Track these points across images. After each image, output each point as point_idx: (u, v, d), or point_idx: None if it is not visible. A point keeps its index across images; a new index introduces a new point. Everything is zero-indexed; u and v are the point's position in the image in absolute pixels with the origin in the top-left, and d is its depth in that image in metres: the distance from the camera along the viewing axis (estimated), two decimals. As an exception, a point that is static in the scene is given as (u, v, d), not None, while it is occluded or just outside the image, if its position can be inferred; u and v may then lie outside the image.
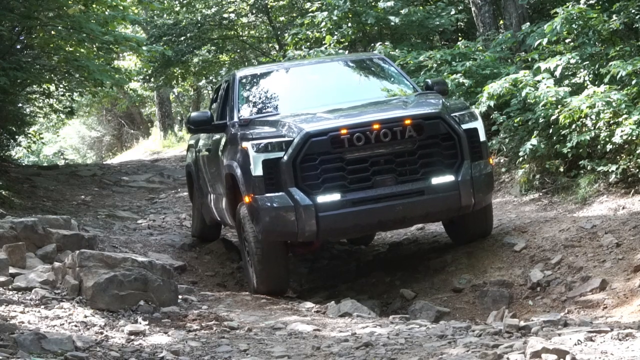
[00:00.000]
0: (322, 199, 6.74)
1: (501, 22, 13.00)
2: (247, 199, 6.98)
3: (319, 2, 13.75)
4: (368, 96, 8.00)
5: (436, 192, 6.90)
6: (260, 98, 8.39)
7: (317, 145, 6.76)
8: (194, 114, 8.18)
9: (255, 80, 8.56)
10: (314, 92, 8.30)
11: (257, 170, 6.81)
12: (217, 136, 8.16)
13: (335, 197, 6.76)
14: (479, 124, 7.20)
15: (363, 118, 7.01)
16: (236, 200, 7.47)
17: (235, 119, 7.76)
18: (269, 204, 6.81)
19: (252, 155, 6.84)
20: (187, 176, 10.45)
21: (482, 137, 7.20)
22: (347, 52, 13.07)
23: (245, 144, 6.95)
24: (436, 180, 6.91)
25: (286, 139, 6.82)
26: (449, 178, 6.94)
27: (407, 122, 6.86)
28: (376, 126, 6.80)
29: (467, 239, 7.87)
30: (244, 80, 8.39)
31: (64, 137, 35.12)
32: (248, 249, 7.33)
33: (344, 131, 6.77)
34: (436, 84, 8.18)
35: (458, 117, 7.09)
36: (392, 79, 8.53)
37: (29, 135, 17.58)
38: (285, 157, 6.75)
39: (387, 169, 6.85)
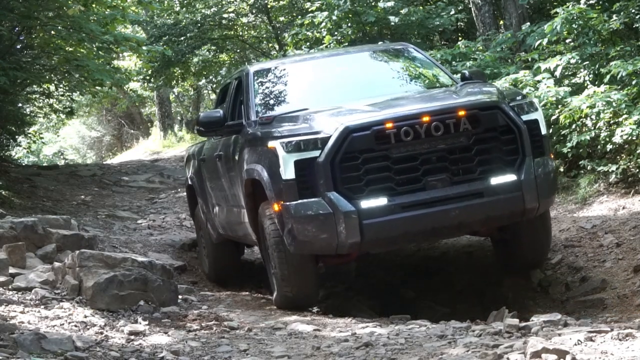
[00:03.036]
0: (366, 204, 5.84)
1: (501, 22, 13.00)
2: (275, 207, 6.08)
3: (319, 2, 13.74)
4: (405, 88, 7.21)
5: (496, 193, 6.00)
6: (280, 94, 7.50)
7: (359, 142, 5.86)
8: (204, 114, 7.28)
9: (272, 75, 7.66)
10: (343, 85, 7.39)
11: (288, 173, 5.91)
12: (229, 139, 7.27)
13: (382, 201, 5.87)
14: (539, 115, 6.32)
15: (410, 109, 6.10)
16: (258, 211, 6.62)
17: (255, 118, 6.92)
18: (303, 212, 5.90)
19: (281, 156, 5.94)
20: (188, 191, 9.34)
21: (544, 129, 6.32)
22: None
23: (272, 144, 6.06)
24: (496, 180, 6.02)
25: (321, 135, 5.91)
26: (510, 177, 6.04)
27: (461, 113, 5.97)
28: (426, 118, 5.91)
29: (521, 260, 6.96)
30: (258, 76, 7.49)
31: (64, 137, 35.12)
32: (271, 259, 6.49)
33: (389, 125, 5.88)
34: (474, 75, 7.25)
35: (516, 106, 6.19)
36: (428, 70, 7.60)
37: (29, 135, 17.57)
38: (322, 157, 5.84)
39: (439, 167, 5.97)
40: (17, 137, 16.27)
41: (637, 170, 8.05)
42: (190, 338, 5.22)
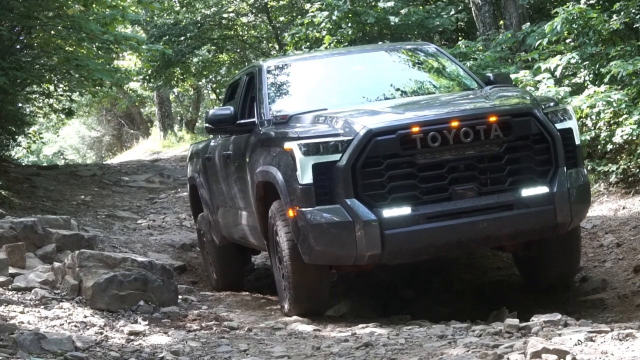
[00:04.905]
0: (388, 213, 5.46)
1: (501, 22, 13.00)
2: (290, 213, 5.71)
3: (319, 2, 13.75)
4: (429, 90, 6.91)
5: (527, 206, 5.64)
6: (295, 92, 7.10)
7: (383, 146, 5.50)
8: (214, 111, 6.91)
9: (286, 71, 7.25)
10: (362, 85, 7.02)
11: (306, 177, 5.54)
12: (239, 138, 6.94)
13: (405, 210, 5.49)
14: (573, 124, 5.94)
15: (438, 113, 5.82)
16: (268, 215, 6.26)
17: (268, 116, 6.56)
18: (320, 220, 5.53)
19: (298, 159, 5.56)
20: (191, 192, 8.90)
21: (577, 139, 5.96)
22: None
23: (289, 145, 5.68)
24: (527, 192, 5.66)
25: (342, 138, 5.54)
26: (542, 189, 5.68)
27: (492, 119, 5.61)
28: (455, 123, 5.55)
29: (546, 279, 6.52)
30: (272, 72, 7.12)
31: (64, 137, 35.16)
32: (281, 264, 6.13)
33: (415, 129, 5.51)
34: (499, 78, 6.90)
35: (550, 113, 5.84)
36: (451, 72, 7.23)
37: (29, 135, 17.59)
38: (342, 161, 5.47)
39: (467, 176, 5.60)
40: (17, 137, 16.28)
41: (638, 170, 8.05)
42: (190, 338, 5.22)
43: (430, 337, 4.81)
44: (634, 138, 7.93)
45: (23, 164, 20.07)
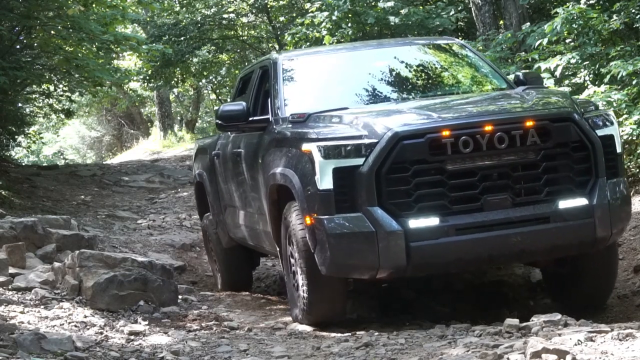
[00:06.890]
0: (415, 223, 5.06)
1: (501, 22, 13.01)
2: (307, 220, 5.30)
3: (319, 2, 13.76)
4: (457, 89, 6.50)
5: (565, 219, 5.22)
6: (314, 88, 6.64)
7: (410, 151, 5.08)
8: (225, 106, 6.46)
9: (304, 65, 6.81)
10: (386, 82, 6.60)
11: (325, 182, 5.12)
12: (251, 136, 6.55)
13: (433, 221, 5.09)
14: (615, 130, 5.48)
15: (471, 116, 5.38)
16: (281, 220, 5.87)
17: (284, 114, 6.14)
18: (339, 229, 5.11)
19: (318, 162, 5.15)
20: (197, 189, 8.45)
21: (619, 147, 5.51)
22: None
23: (307, 147, 5.27)
24: (564, 204, 5.23)
25: (366, 140, 5.12)
26: (581, 201, 5.25)
27: (529, 123, 5.17)
28: (489, 128, 5.12)
29: (579, 299, 5.94)
30: (288, 66, 6.66)
31: (64, 137, 35.17)
32: (294, 272, 5.76)
33: (446, 132, 5.09)
34: (530, 78, 6.45)
35: (591, 119, 5.41)
36: (480, 70, 6.80)
37: (29, 135, 17.60)
38: (365, 166, 5.06)
39: (501, 185, 5.18)
40: (17, 137, 16.30)
41: (638, 170, 8.05)
42: (190, 338, 5.22)
43: (430, 337, 4.81)
44: (634, 138, 7.93)
45: (23, 164, 20.09)
